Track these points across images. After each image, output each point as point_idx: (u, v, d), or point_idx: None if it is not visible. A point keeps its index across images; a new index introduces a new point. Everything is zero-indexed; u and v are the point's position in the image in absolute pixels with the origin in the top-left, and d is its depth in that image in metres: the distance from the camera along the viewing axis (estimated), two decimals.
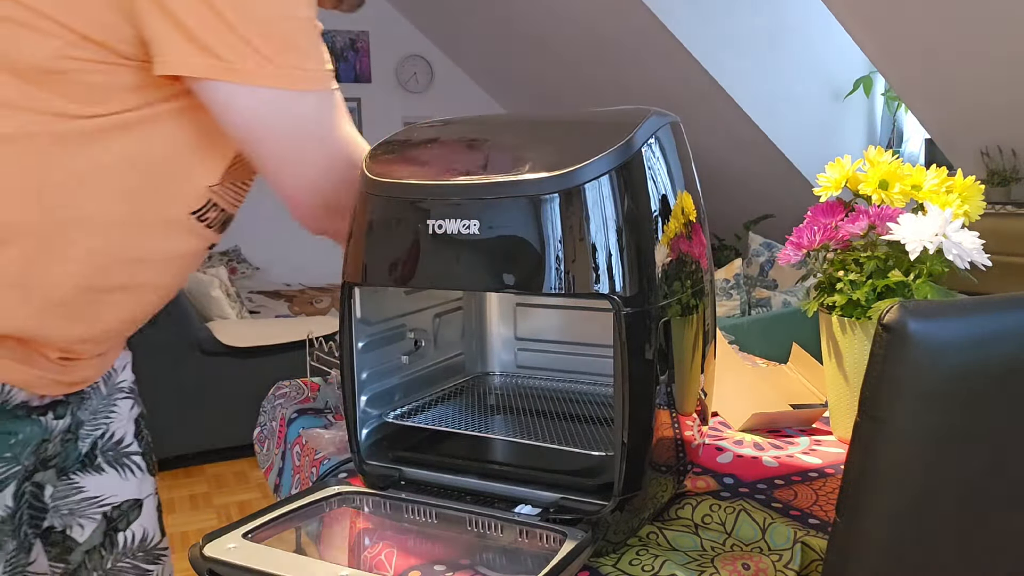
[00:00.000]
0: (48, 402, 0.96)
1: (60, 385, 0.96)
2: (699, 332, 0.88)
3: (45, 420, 0.95)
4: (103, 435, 1.07)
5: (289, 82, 0.82)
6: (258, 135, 0.86)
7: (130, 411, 1.11)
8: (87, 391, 1.03)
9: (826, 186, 1.10)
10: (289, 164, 0.89)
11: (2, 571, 0.93)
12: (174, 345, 3.20)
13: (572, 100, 4.75)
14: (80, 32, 0.79)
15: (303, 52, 0.83)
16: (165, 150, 0.87)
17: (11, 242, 0.84)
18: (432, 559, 0.80)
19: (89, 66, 0.81)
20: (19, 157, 0.83)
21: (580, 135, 0.85)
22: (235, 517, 2.96)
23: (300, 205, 0.93)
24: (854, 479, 0.63)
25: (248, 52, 0.79)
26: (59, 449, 1.00)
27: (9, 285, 0.86)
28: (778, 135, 3.81)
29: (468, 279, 0.84)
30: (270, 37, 0.80)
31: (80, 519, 1.06)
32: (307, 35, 0.84)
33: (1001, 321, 0.62)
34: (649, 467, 0.81)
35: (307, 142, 0.88)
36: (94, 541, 1.07)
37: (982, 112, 2.88)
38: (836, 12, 2.85)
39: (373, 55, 5.30)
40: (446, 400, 1.07)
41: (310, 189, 0.91)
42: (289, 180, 0.91)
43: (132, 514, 1.10)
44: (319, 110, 0.87)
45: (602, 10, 3.62)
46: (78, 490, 1.05)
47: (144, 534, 1.12)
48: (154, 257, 0.92)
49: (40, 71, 0.80)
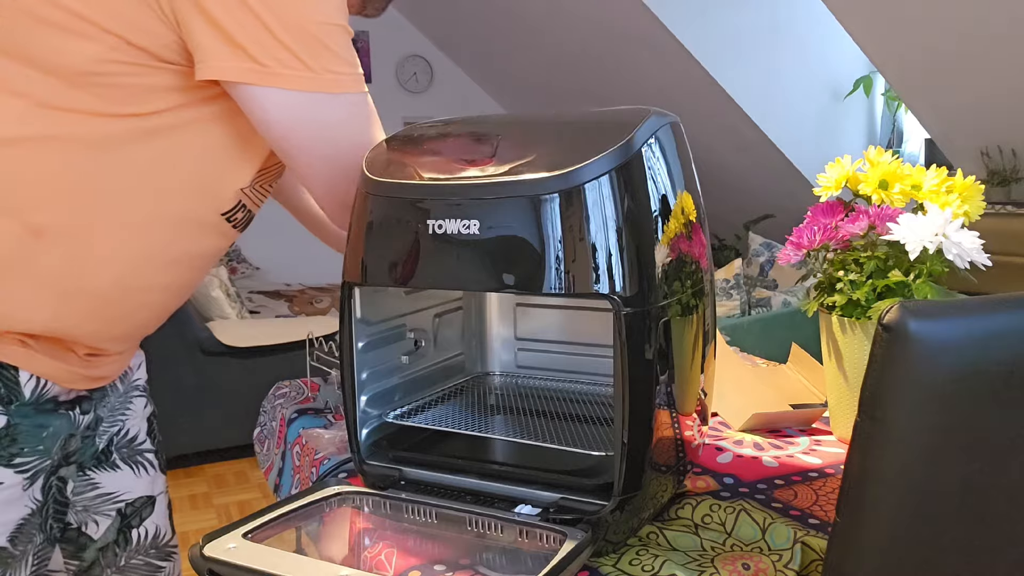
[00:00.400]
0: (74, 397, 0.98)
1: (86, 380, 0.98)
2: (699, 332, 0.88)
3: (72, 415, 0.98)
4: (119, 432, 1.09)
5: (324, 85, 0.85)
6: (293, 138, 0.88)
7: (144, 409, 1.13)
8: (107, 388, 1.05)
9: (826, 186, 1.10)
10: (322, 166, 0.91)
11: (31, 563, 0.95)
12: (174, 345, 3.19)
13: (572, 100, 4.75)
14: (122, 36, 0.81)
15: (337, 56, 0.85)
16: (200, 152, 0.89)
17: (51, 242, 0.86)
18: (432, 559, 0.80)
19: (130, 69, 0.82)
20: (58, 157, 0.84)
21: (580, 135, 0.85)
22: (235, 517, 2.96)
23: (331, 205, 0.96)
24: (854, 479, 0.63)
25: (286, 57, 0.82)
26: (79, 444, 1.02)
27: (48, 286, 0.87)
28: (778, 135, 3.81)
29: (468, 279, 0.84)
30: (307, 42, 0.82)
31: (95, 515, 1.07)
32: (340, 40, 0.86)
33: (1001, 321, 0.62)
34: (649, 467, 0.81)
35: (340, 144, 0.90)
36: (108, 538, 1.08)
37: (982, 112, 2.88)
38: (836, 12, 2.85)
39: (373, 55, 5.30)
40: (446, 400, 1.07)
41: (341, 190, 0.92)
42: (321, 181, 0.93)
43: (145, 511, 1.12)
44: (352, 113, 0.90)
45: (602, 10, 3.62)
46: (93, 486, 1.07)
47: (156, 531, 1.13)
48: (185, 257, 0.95)
49: (80, 74, 0.82)
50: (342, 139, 0.90)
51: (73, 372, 0.95)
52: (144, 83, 0.84)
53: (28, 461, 0.91)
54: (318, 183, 0.94)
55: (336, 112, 0.88)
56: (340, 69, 0.86)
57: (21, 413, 0.90)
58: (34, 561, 0.95)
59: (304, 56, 0.82)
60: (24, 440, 0.91)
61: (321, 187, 0.94)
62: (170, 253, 0.93)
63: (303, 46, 0.82)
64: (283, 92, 0.83)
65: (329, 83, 0.85)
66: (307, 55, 0.83)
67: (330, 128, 0.89)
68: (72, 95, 0.82)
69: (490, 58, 5.11)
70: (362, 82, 0.89)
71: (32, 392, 0.91)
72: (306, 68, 0.83)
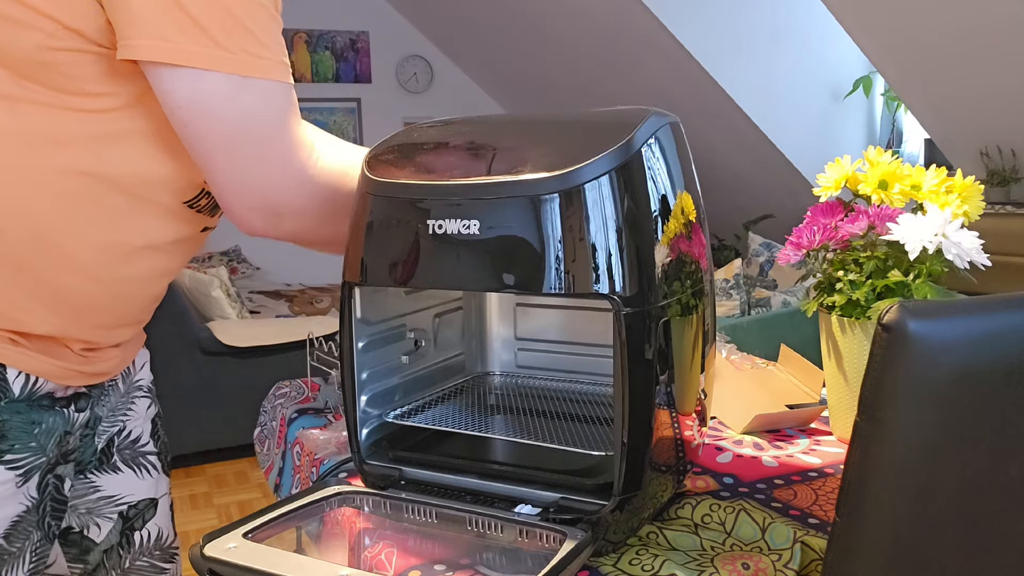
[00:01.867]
0: (71, 394, 0.97)
1: (83, 376, 0.96)
2: (699, 332, 0.88)
3: (68, 412, 0.96)
4: (120, 433, 1.07)
5: (237, 67, 0.78)
6: (200, 125, 0.80)
7: (147, 410, 1.11)
8: (106, 387, 1.04)
9: (826, 186, 1.10)
10: (230, 160, 0.83)
11: (29, 560, 0.94)
12: (174, 345, 3.20)
13: (572, 100, 4.75)
14: (58, 20, 0.77)
15: (256, 39, 0.79)
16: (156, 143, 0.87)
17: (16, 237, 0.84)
18: (432, 559, 0.80)
19: (74, 57, 0.79)
20: (20, 150, 0.83)
21: (580, 135, 0.85)
22: (235, 517, 2.96)
23: (235, 206, 0.87)
24: (854, 479, 0.63)
25: (196, 33, 0.75)
26: (78, 443, 1.01)
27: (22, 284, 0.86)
28: (778, 135, 3.81)
29: (468, 279, 0.84)
30: (222, 19, 0.76)
31: (97, 518, 1.06)
32: (262, 21, 0.79)
33: (1001, 321, 0.62)
34: (649, 467, 0.81)
35: (250, 136, 0.82)
36: (111, 541, 1.07)
37: (982, 112, 2.88)
38: (836, 12, 2.85)
39: (373, 55, 5.30)
40: (446, 400, 1.07)
41: (250, 189, 0.85)
42: (228, 177, 0.84)
43: (148, 513, 1.11)
44: (269, 103, 0.82)
45: (602, 10, 3.62)
46: (95, 489, 1.05)
47: (159, 533, 1.12)
48: (153, 244, 0.92)
49: (29, 64, 0.79)
50: (254, 131, 0.82)
51: (68, 369, 0.94)
52: (92, 72, 0.80)
53: (21, 458, 0.91)
54: (222, 179, 0.84)
55: (249, 99, 0.80)
56: (258, 52, 0.79)
57: (12, 409, 0.89)
58: (32, 559, 0.94)
59: (217, 33, 0.76)
60: (15, 437, 0.90)
61: (226, 185, 0.84)
62: (136, 242, 0.90)
63: (217, 23, 0.76)
64: (191, 72, 0.77)
65: (243, 64, 0.78)
66: (221, 33, 0.76)
67: (241, 117, 0.81)
68: (27, 87, 0.80)
69: (490, 58, 5.11)
70: (286, 72, 0.82)
71: (22, 389, 0.90)
72: (217, 46, 0.76)
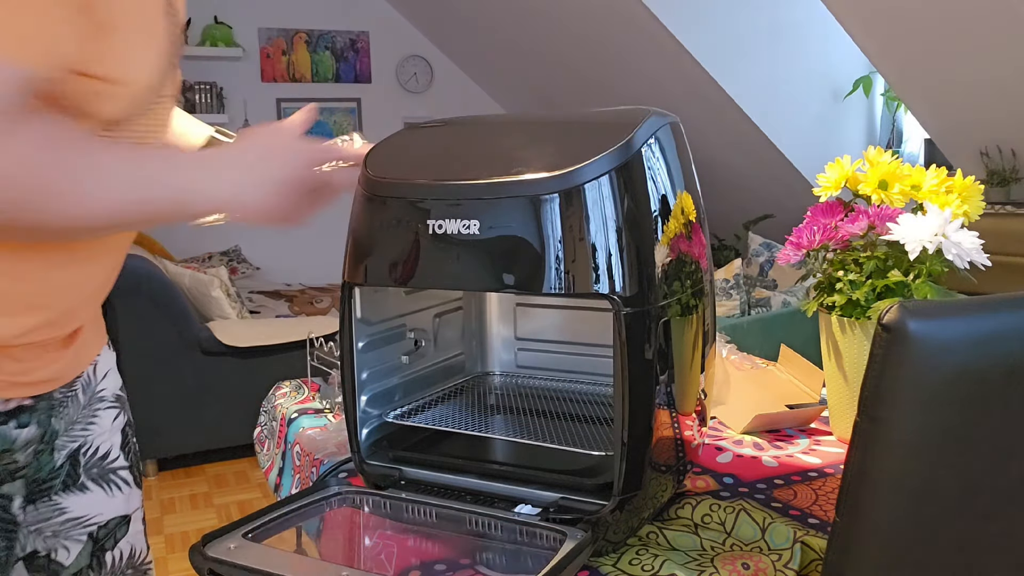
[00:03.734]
0: (13, 407, 0.89)
1: (20, 387, 0.89)
2: (699, 332, 0.88)
3: (5, 429, 0.88)
4: (84, 449, 1.00)
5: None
6: None
7: (114, 422, 1.03)
8: (61, 398, 0.95)
9: (826, 186, 1.10)
10: None
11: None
12: (174, 345, 3.19)
13: (572, 100, 4.75)
14: None
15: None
16: None
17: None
18: (432, 559, 0.80)
19: None
20: None
21: (580, 135, 0.85)
22: (235, 517, 2.95)
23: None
24: (854, 479, 0.63)
25: None
26: (31, 459, 0.93)
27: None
28: (778, 135, 3.80)
29: (468, 279, 0.84)
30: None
31: (65, 541, 0.99)
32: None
33: (1001, 321, 0.63)
34: (649, 467, 0.81)
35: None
36: (81, 563, 1.00)
37: (982, 112, 2.88)
38: (836, 12, 2.85)
39: (373, 55, 5.30)
40: (446, 400, 1.07)
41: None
42: None
43: (120, 531, 1.04)
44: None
45: (602, 10, 3.62)
46: (60, 511, 0.98)
47: (132, 551, 1.06)
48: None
49: None
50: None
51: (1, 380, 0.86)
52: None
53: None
54: None
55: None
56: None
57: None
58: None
59: None
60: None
61: None
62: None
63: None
64: None
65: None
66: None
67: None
68: None
69: (490, 58, 5.11)
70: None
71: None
72: None
